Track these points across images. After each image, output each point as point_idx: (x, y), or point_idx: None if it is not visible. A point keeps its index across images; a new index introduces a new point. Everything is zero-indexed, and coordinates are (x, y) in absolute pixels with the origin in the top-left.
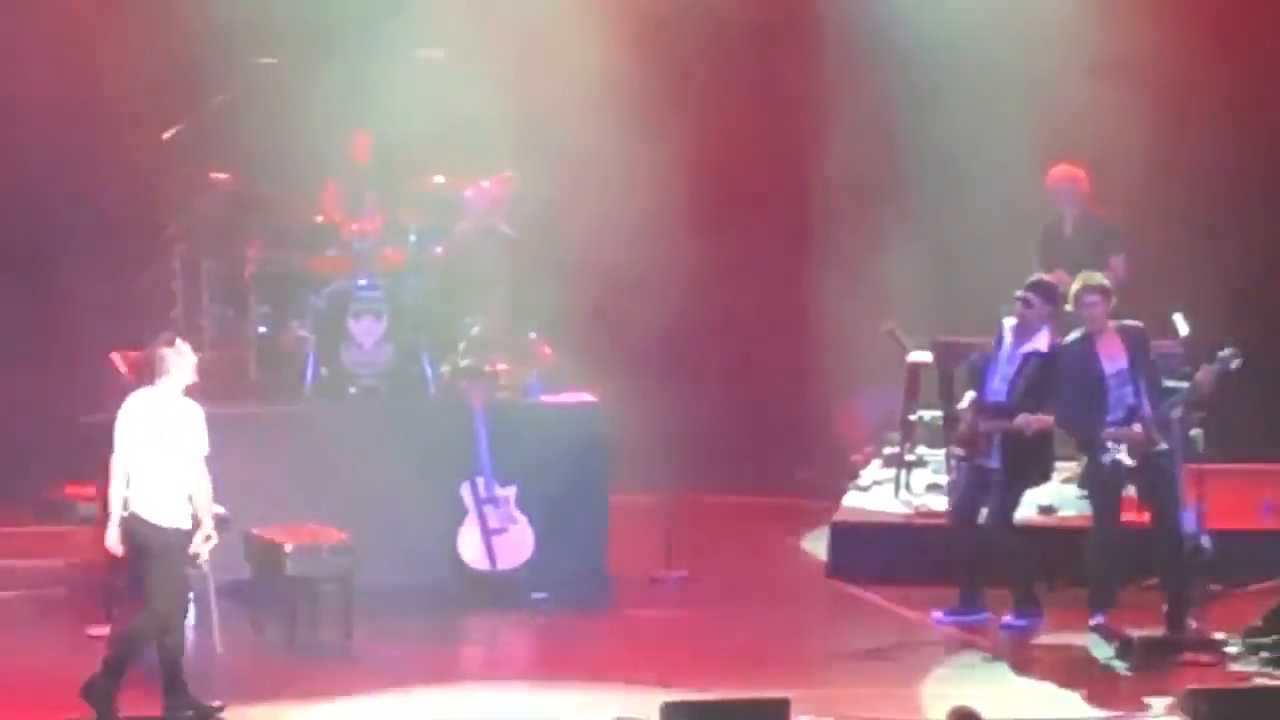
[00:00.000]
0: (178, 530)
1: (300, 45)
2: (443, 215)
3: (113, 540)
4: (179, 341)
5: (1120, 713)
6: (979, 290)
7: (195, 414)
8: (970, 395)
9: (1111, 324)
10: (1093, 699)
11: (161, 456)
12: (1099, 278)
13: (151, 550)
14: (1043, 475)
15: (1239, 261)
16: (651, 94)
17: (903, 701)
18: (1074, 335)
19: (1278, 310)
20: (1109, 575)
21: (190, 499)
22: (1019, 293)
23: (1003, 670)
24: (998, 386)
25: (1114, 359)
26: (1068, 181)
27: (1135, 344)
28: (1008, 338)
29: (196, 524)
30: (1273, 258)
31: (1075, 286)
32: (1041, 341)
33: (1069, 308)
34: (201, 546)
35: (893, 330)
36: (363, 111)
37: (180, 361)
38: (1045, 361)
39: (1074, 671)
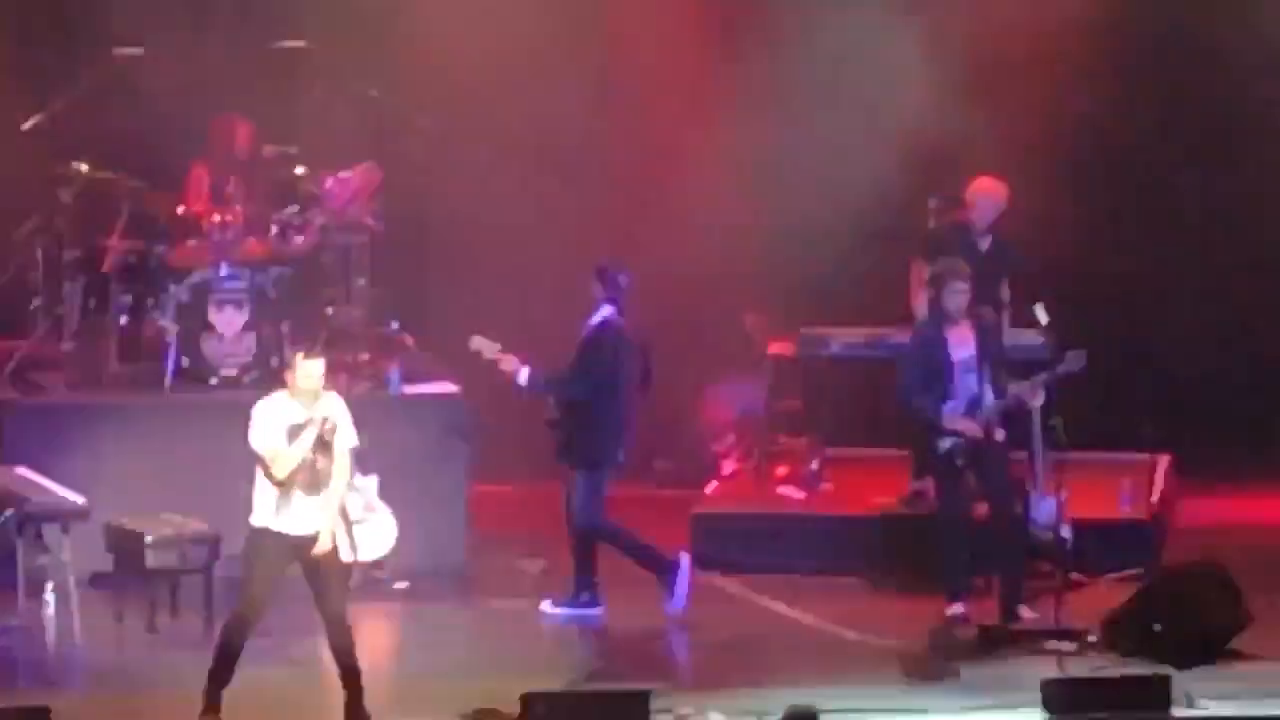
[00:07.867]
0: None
1: (162, 34)
2: (305, 206)
3: None
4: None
5: (976, 701)
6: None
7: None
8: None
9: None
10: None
11: None
12: (964, 266)
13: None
14: None
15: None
16: (510, 84)
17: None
18: (926, 318)
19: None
20: (959, 561)
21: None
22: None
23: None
24: None
25: (962, 346)
26: (990, 195)
27: (986, 333)
28: None
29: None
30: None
31: (939, 270)
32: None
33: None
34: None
35: (753, 323)
36: (226, 101)
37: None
38: (583, 340)
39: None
